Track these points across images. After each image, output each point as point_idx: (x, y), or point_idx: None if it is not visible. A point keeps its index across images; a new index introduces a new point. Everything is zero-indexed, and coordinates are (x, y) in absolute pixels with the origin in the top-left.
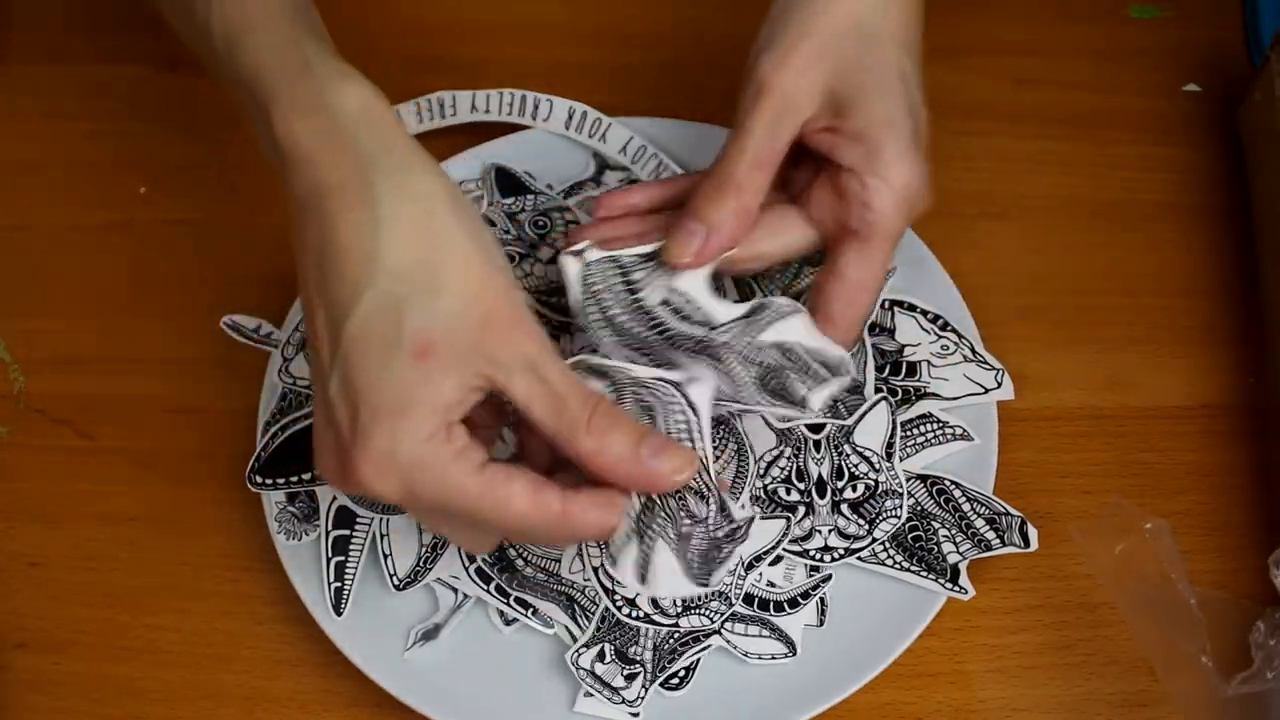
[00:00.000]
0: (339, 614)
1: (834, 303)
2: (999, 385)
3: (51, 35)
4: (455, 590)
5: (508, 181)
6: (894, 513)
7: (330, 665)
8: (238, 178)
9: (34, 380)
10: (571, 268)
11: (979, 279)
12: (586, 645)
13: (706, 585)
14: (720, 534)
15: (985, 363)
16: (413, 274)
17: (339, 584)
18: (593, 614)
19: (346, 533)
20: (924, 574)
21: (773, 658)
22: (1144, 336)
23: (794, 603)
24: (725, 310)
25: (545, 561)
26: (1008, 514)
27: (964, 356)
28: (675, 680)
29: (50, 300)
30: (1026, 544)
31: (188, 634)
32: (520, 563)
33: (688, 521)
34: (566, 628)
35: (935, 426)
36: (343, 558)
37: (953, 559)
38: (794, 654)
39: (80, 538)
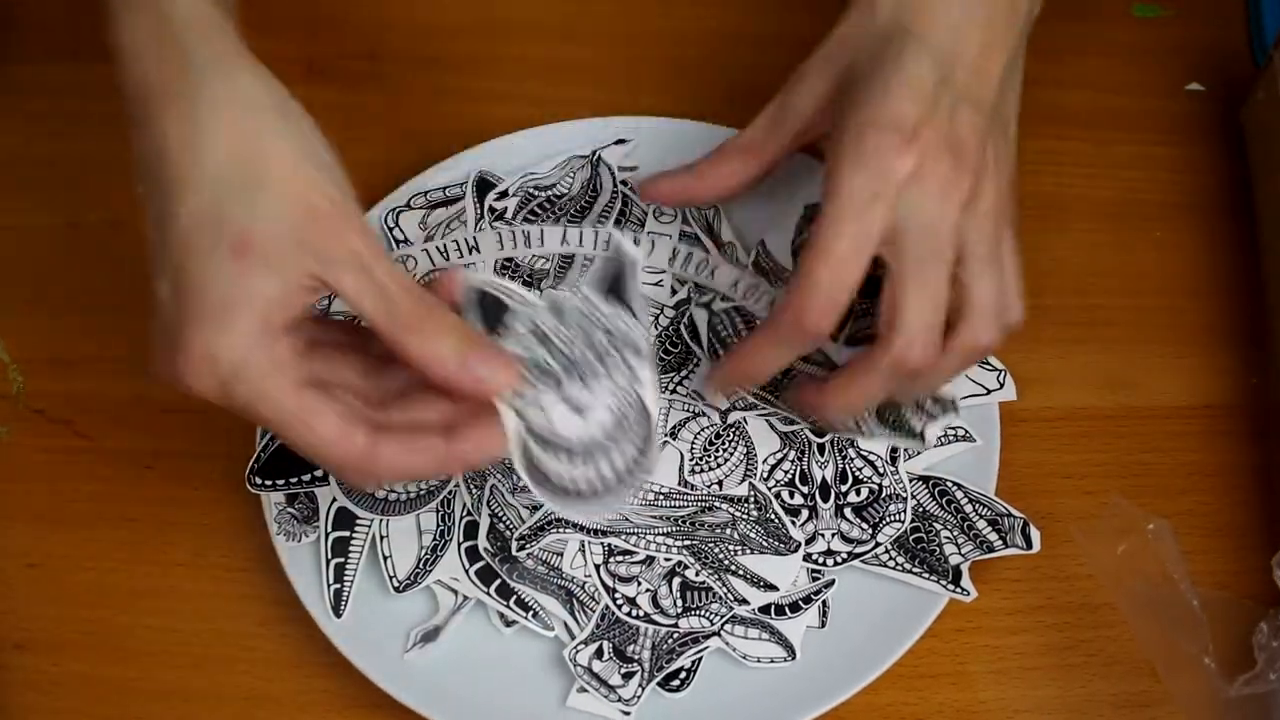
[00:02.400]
0: (338, 615)
1: (800, 267)
2: (1001, 386)
3: (51, 35)
4: (455, 592)
5: (489, 188)
6: (897, 517)
7: (330, 666)
8: None
9: (33, 380)
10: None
11: None
12: (585, 642)
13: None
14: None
15: (987, 363)
16: (234, 174)
17: (338, 585)
18: (591, 610)
19: (346, 534)
20: (926, 575)
21: (771, 661)
22: (1146, 336)
23: (795, 607)
24: (843, 352)
25: (546, 555)
26: (1010, 515)
27: None
28: (676, 681)
29: (50, 300)
30: (1029, 545)
31: (188, 634)
32: (522, 554)
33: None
34: (565, 623)
35: None
36: (342, 559)
37: (954, 560)
38: (793, 658)
39: (80, 538)
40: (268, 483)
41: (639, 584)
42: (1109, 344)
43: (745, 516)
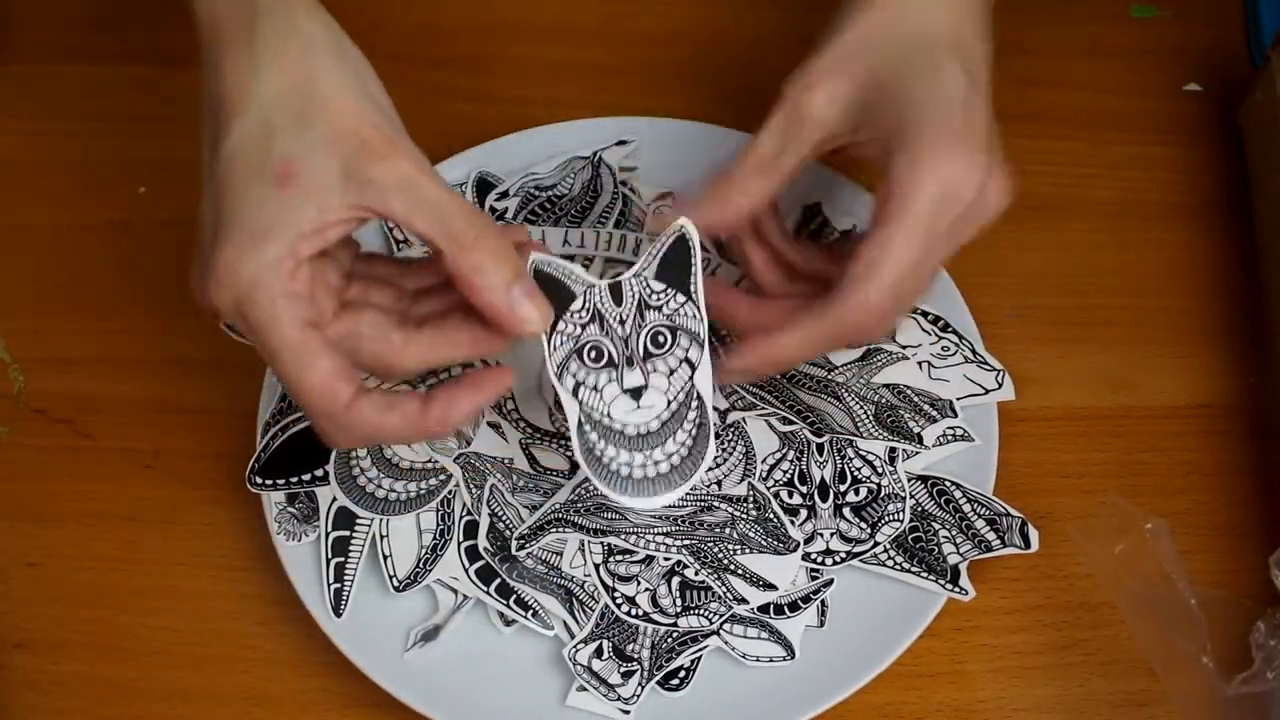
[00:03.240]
0: (338, 615)
1: (838, 282)
2: (1000, 386)
3: (51, 35)
4: (455, 591)
5: (489, 188)
6: (896, 516)
7: (330, 665)
8: None
9: (34, 380)
10: None
11: (979, 279)
12: (585, 641)
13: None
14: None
15: (986, 363)
16: (285, 104)
17: (338, 585)
18: (590, 609)
19: (346, 534)
20: (924, 575)
21: (770, 660)
22: (1144, 336)
23: (794, 606)
24: (841, 354)
25: (546, 554)
26: (1008, 515)
27: (964, 357)
28: (676, 680)
29: (50, 300)
30: (1027, 545)
31: (188, 634)
32: (522, 554)
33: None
34: (564, 622)
35: None
36: (342, 558)
37: (953, 560)
38: (792, 657)
39: (80, 538)
40: (268, 482)
41: (638, 583)
42: (1107, 344)
43: (744, 516)
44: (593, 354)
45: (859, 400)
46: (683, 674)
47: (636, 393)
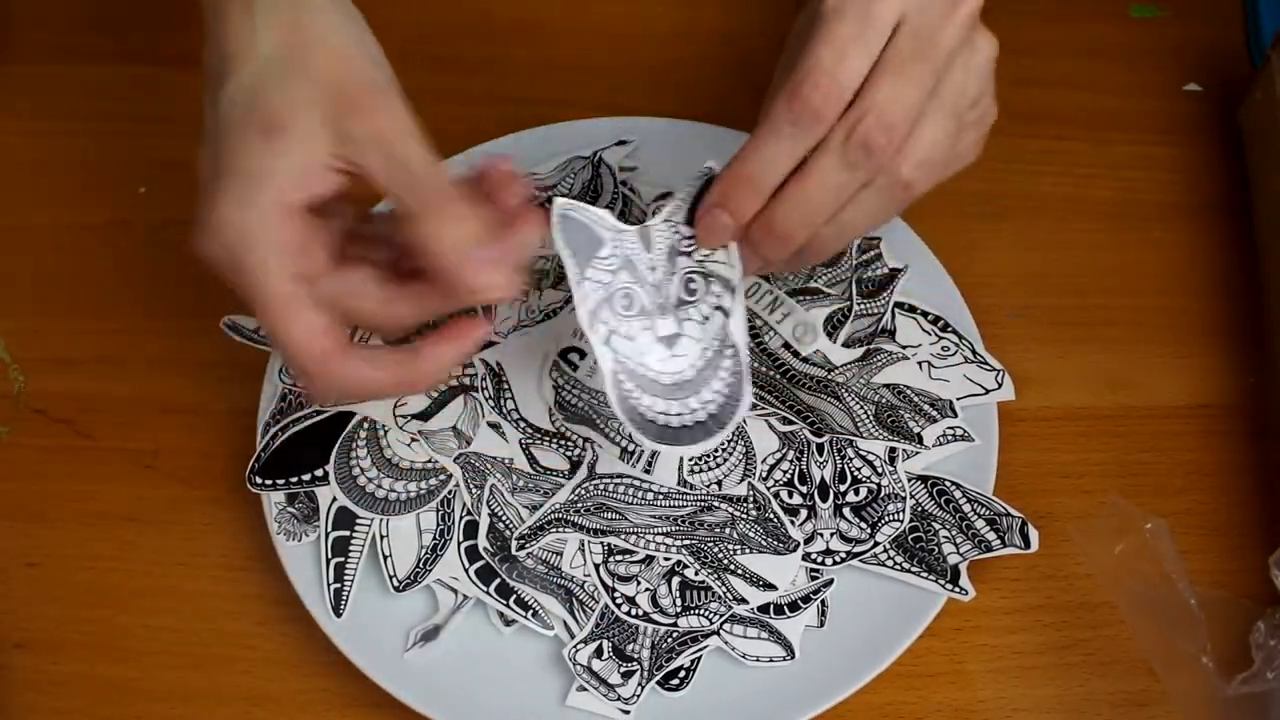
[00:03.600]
0: (338, 615)
1: (800, 53)
2: (999, 386)
3: (51, 35)
4: (455, 591)
5: None
6: (896, 516)
7: (330, 665)
8: None
9: (34, 380)
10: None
11: (979, 279)
12: (585, 641)
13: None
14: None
15: (986, 364)
16: (278, 59)
17: (339, 585)
18: (590, 609)
19: (346, 534)
20: (924, 575)
21: (770, 660)
22: (1144, 336)
23: (794, 606)
24: (841, 354)
25: (546, 554)
26: (1008, 515)
27: (964, 357)
28: (675, 680)
29: (50, 300)
30: (1027, 545)
31: (188, 634)
32: (522, 554)
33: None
34: (564, 622)
35: None
36: (342, 558)
37: (953, 560)
38: (792, 658)
39: (80, 538)
40: (268, 482)
41: (638, 583)
42: (1107, 344)
43: (744, 516)
44: (624, 302)
45: (859, 400)
46: (682, 674)
47: (670, 340)
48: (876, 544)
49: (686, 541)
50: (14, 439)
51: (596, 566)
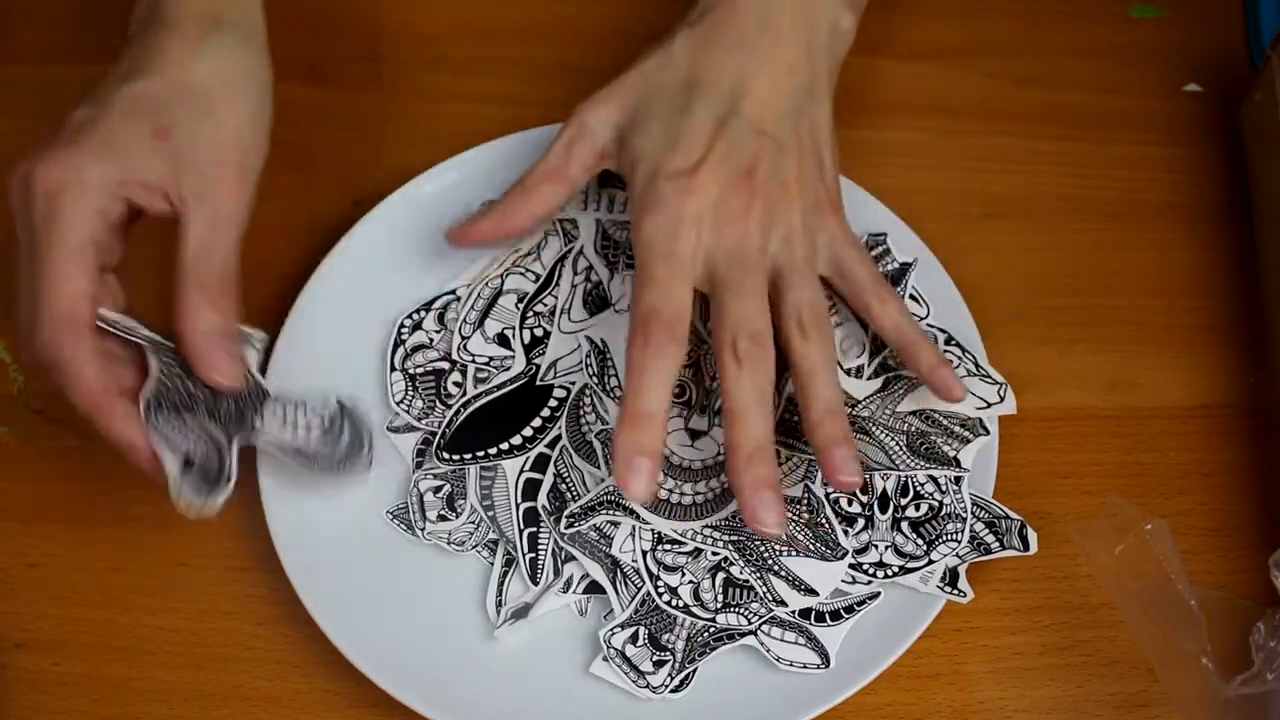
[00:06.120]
0: (535, 583)
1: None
2: (1002, 400)
3: (51, 35)
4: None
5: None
6: (954, 537)
7: (330, 665)
8: None
9: (34, 380)
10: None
11: (979, 279)
12: (622, 625)
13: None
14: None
15: (989, 377)
16: (200, 92)
17: (533, 555)
18: (633, 584)
19: (533, 504)
20: (924, 565)
21: (804, 667)
22: (1144, 336)
23: (837, 615)
24: (862, 387)
25: (604, 525)
26: (1007, 518)
27: (967, 371)
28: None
29: None
30: (1026, 547)
31: (188, 634)
32: (570, 531)
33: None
34: (610, 589)
35: None
36: (534, 529)
37: (952, 562)
38: (827, 666)
39: (80, 538)
40: (454, 457)
41: (683, 574)
42: (1106, 344)
43: (795, 518)
44: (676, 389)
45: (888, 432)
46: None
47: (695, 434)
48: (931, 562)
49: (733, 537)
50: (14, 439)
51: (644, 553)
